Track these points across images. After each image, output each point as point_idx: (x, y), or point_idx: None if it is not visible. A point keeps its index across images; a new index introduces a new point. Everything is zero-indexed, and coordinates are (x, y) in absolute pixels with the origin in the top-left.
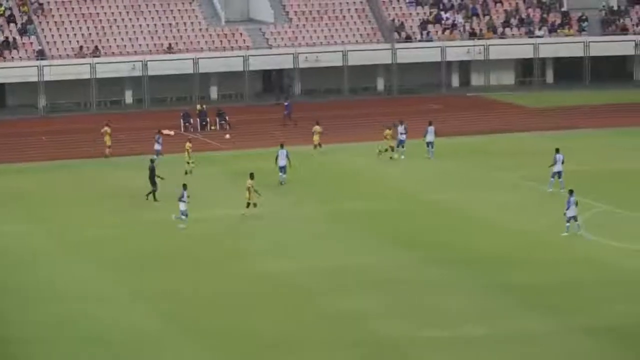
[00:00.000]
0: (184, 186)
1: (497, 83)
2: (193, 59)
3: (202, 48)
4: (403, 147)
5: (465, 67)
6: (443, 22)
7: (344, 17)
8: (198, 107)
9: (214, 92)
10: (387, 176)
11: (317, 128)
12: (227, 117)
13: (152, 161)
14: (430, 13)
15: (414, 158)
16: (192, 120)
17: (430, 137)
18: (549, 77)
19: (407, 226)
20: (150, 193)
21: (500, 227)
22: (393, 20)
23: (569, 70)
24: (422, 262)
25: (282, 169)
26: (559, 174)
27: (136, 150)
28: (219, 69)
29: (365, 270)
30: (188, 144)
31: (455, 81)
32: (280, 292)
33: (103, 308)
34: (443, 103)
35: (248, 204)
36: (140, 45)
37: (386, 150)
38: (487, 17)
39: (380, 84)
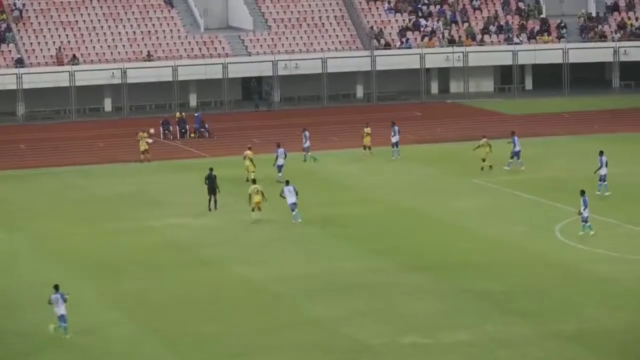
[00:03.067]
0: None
1: (476, 90)
2: (172, 66)
3: (181, 55)
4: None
5: (444, 74)
6: (422, 29)
7: (323, 24)
8: (177, 114)
9: (193, 100)
10: (365, 183)
11: (367, 130)
12: (207, 125)
13: (211, 169)
14: (409, 20)
15: (391, 164)
16: (171, 128)
17: (395, 138)
18: (528, 84)
19: (382, 232)
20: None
21: (476, 233)
22: (372, 27)
23: (548, 77)
24: (397, 267)
25: (280, 168)
26: (603, 176)
27: (115, 158)
28: (198, 77)
29: (339, 275)
30: (249, 152)
31: (434, 88)
32: (254, 297)
33: (72, 314)
34: (422, 110)
35: (253, 209)
36: (119, 52)
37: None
38: (466, 24)
39: (360, 91)
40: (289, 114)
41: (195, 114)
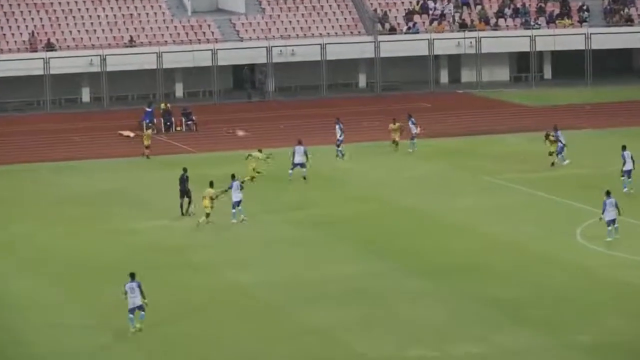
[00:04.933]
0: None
1: (490, 79)
2: (156, 53)
3: (166, 41)
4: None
5: (455, 62)
6: (431, 12)
7: (322, 6)
8: (162, 105)
9: (179, 90)
10: (365, 180)
11: (396, 125)
12: (193, 117)
13: (184, 170)
14: (417, 2)
15: (395, 159)
16: (155, 120)
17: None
18: (547, 73)
19: (382, 233)
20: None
21: (486, 234)
22: (376, 10)
23: (568, 65)
24: (400, 271)
25: (299, 165)
26: (628, 172)
27: (94, 153)
28: (184, 64)
29: (338, 280)
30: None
31: (444, 77)
32: (246, 305)
33: (45, 322)
34: (431, 101)
35: (207, 214)
36: (98, 38)
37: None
38: (479, 7)
39: (362, 80)
40: (284, 105)
41: (148, 109)
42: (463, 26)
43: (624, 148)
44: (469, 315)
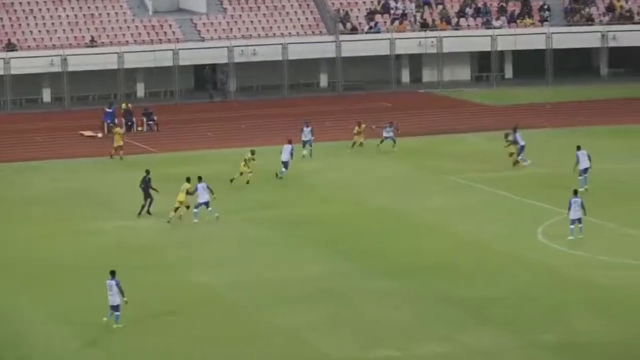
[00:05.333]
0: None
1: (451, 79)
2: (117, 53)
3: (127, 41)
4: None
5: (416, 61)
6: (392, 11)
7: (283, 6)
8: (123, 106)
9: (140, 90)
10: (330, 180)
11: (361, 128)
12: (155, 117)
13: (147, 172)
14: (378, 2)
15: (359, 159)
16: (116, 121)
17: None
18: (508, 72)
19: (349, 233)
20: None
21: (450, 234)
22: (337, 10)
23: (529, 65)
24: (365, 272)
25: (283, 163)
26: (585, 170)
27: (56, 153)
28: (146, 64)
29: (303, 281)
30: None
31: (405, 77)
32: (211, 305)
33: (3, 326)
34: (392, 100)
35: (176, 209)
36: (59, 38)
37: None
38: (440, 7)
39: (324, 80)
40: (245, 105)
41: (109, 109)
42: (424, 26)
43: (578, 148)
44: (434, 315)
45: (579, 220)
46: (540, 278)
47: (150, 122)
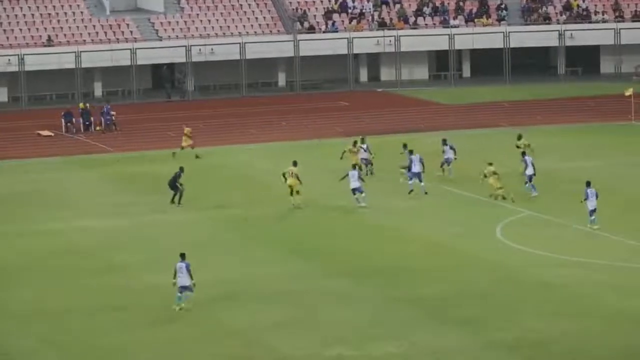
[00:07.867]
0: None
1: (409, 77)
2: (75, 52)
3: (84, 40)
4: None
5: (374, 61)
6: (350, 11)
7: (241, 5)
8: (81, 105)
9: (98, 89)
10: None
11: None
12: (113, 116)
13: (181, 169)
14: (336, 1)
15: (314, 159)
16: (74, 120)
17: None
18: (466, 71)
19: (305, 234)
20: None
21: (408, 234)
22: (295, 9)
23: (487, 63)
24: (321, 272)
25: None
26: (530, 177)
27: (13, 154)
28: (103, 64)
29: (258, 281)
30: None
31: (363, 76)
32: (165, 306)
33: None
34: (350, 100)
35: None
36: (16, 37)
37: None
38: (398, 6)
39: (282, 79)
40: (204, 105)
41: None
42: (382, 25)
43: (523, 154)
44: (391, 316)
45: (594, 211)
46: (497, 278)
47: (109, 122)
